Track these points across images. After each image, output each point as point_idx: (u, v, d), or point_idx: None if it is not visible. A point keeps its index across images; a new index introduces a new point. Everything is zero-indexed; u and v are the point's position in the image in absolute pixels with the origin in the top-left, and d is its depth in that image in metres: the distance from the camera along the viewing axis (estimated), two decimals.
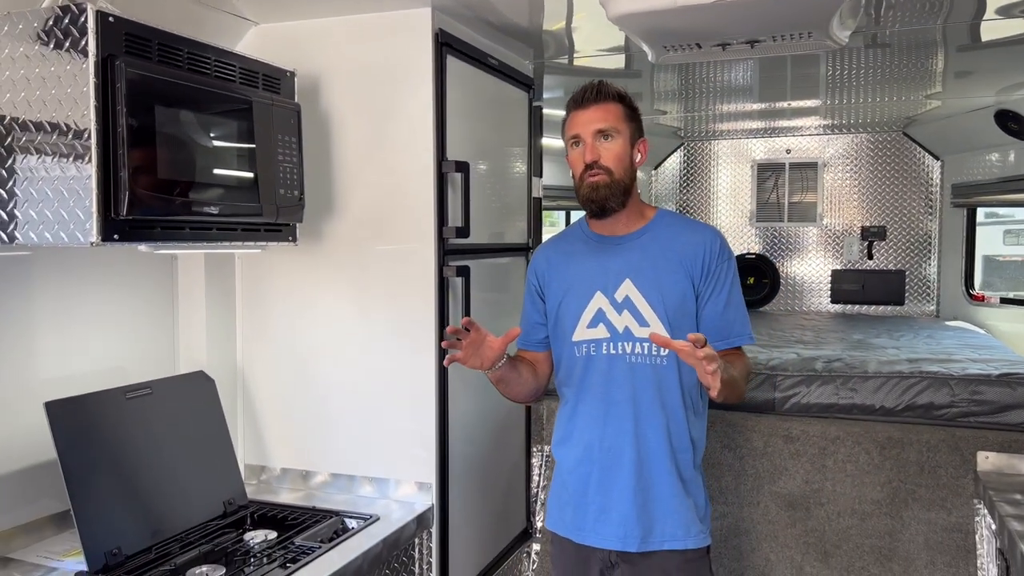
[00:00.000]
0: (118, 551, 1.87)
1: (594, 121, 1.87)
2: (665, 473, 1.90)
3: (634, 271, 1.91)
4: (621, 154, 1.89)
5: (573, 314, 1.96)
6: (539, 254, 2.12)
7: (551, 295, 2.03)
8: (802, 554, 2.96)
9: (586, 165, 1.87)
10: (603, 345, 1.92)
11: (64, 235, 1.67)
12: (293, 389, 2.51)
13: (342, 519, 2.26)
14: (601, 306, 1.92)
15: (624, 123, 1.90)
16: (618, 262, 1.93)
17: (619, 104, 1.91)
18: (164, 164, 1.76)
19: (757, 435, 3.07)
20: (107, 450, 1.97)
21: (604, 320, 1.92)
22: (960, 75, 3.64)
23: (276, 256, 2.49)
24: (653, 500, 1.90)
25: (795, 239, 5.97)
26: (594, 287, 1.94)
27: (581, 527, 1.96)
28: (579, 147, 1.90)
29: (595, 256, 1.97)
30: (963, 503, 2.84)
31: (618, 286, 1.91)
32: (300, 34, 2.41)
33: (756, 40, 2.28)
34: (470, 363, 1.85)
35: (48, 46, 1.66)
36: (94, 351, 2.20)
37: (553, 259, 2.05)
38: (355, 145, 2.40)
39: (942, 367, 3.19)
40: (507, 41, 2.77)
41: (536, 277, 2.07)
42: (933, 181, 5.60)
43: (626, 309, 1.90)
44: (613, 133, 1.87)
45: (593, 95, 1.89)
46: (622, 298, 1.91)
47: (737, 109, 4.74)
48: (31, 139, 1.68)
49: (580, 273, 1.98)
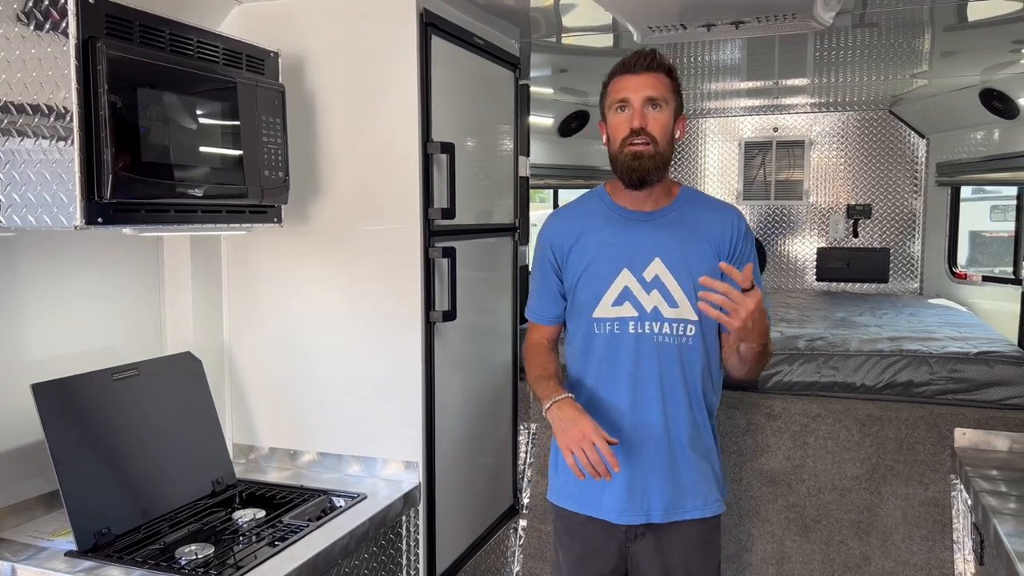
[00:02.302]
0: (107, 531, 1.89)
1: (645, 87, 1.83)
2: (690, 447, 1.94)
3: (663, 250, 1.89)
4: (667, 125, 1.86)
5: (595, 290, 1.92)
6: (554, 225, 2.02)
7: (570, 268, 1.96)
8: (783, 529, 3.02)
9: (632, 131, 1.82)
10: (629, 324, 1.90)
11: (48, 218, 1.66)
12: (280, 369, 2.53)
13: (330, 498, 2.28)
14: (628, 284, 1.89)
15: (672, 95, 1.87)
16: (646, 240, 1.90)
17: (668, 76, 1.87)
18: (147, 147, 1.75)
19: (740, 413, 3.12)
20: (95, 431, 1.98)
21: (631, 299, 1.89)
22: (946, 55, 3.66)
23: (262, 237, 2.49)
24: (679, 474, 1.94)
25: (782, 217, 6.00)
26: (620, 264, 1.90)
27: (600, 503, 1.96)
28: (625, 112, 1.84)
29: (620, 231, 1.92)
30: (940, 479, 2.90)
31: (647, 264, 1.88)
32: (284, 13, 2.39)
33: (741, 21, 2.29)
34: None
35: (29, 27, 1.64)
36: (81, 332, 2.21)
37: (573, 230, 1.97)
38: (340, 126, 2.39)
39: (922, 345, 3.24)
40: (493, 20, 2.76)
41: (552, 250, 1.99)
42: (919, 159, 5.63)
43: (655, 289, 1.88)
44: (662, 103, 1.84)
45: (646, 62, 1.85)
46: (651, 277, 1.88)
47: (725, 88, 4.74)
48: (13, 121, 1.67)
49: (604, 248, 1.92)
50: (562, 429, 1.77)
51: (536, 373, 1.98)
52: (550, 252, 2.00)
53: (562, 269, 1.99)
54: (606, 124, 1.92)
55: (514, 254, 3.09)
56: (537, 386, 1.95)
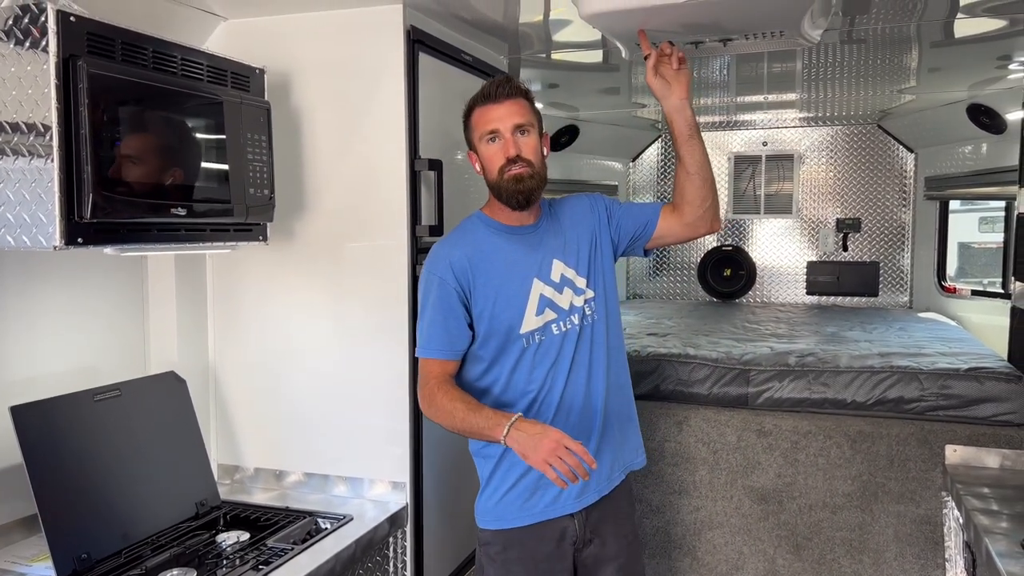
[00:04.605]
0: (87, 556, 1.85)
1: (512, 116, 1.91)
2: (625, 407, 2.10)
3: (556, 250, 2.01)
4: (536, 146, 1.95)
5: (516, 307, 1.94)
6: (451, 254, 1.95)
7: (481, 296, 1.93)
8: (775, 547, 3.00)
9: (507, 159, 1.90)
10: (551, 327, 1.96)
11: (27, 239, 1.64)
12: (266, 388, 2.50)
13: (315, 520, 2.25)
14: (542, 292, 1.96)
15: (534, 117, 1.97)
16: (539, 247, 2.00)
17: (526, 100, 1.96)
18: (129, 166, 1.74)
19: (731, 429, 3.10)
20: (75, 454, 1.95)
21: (549, 304, 1.96)
22: (933, 70, 3.68)
23: (247, 255, 2.46)
24: (624, 436, 2.09)
25: (771, 231, 6.01)
26: (529, 276, 1.96)
27: (555, 501, 1.96)
28: (496, 142, 1.92)
29: (516, 247, 1.99)
30: (932, 496, 2.89)
31: (550, 268, 1.98)
32: (270, 30, 2.38)
33: (728, 38, 2.28)
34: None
35: (9, 45, 1.62)
36: (63, 352, 2.18)
37: (472, 257, 1.95)
38: (326, 143, 2.38)
39: (912, 361, 3.23)
40: (481, 37, 2.75)
41: (458, 281, 1.93)
42: (907, 173, 5.65)
43: (565, 286, 1.99)
44: (528, 128, 1.93)
45: (506, 91, 1.92)
46: (558, 277, 1.98)
47: (715, 102, 4.75)
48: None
49: (508, 266, 1.96)
50: (533, 447, 1.73)
51: (462, 408, 1.86)
52: (454, 282, 1.93)
53: (470, 297, 1.95)
54: (477, 155, 1.96)
55: None
56: (472, 419, 1.84)
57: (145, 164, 1.79)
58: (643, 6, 1.97)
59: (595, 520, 2.02)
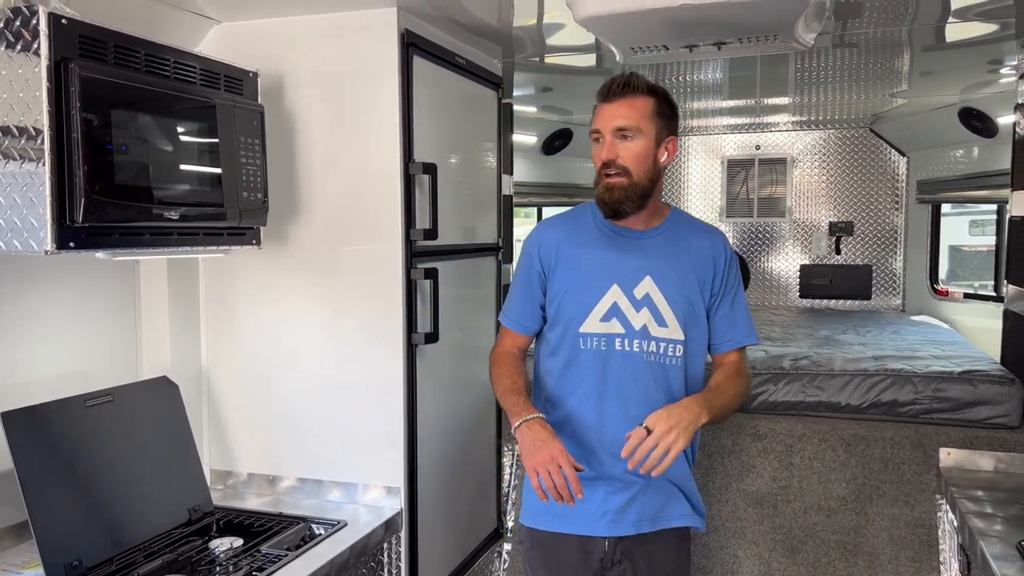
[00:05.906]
0: (79, 563, 1.83)
1: (616, 117, 1.80)
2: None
3: (654, 269, 1.88)
4: (641, 154, 1.81)
5: (583, 304, 1.90)
6: (544, 233, 1.98)
7: (557, 278, 1.93)
8: (769, 551, 2.99)
9: (603, 163, 1.82)
10: (616, 341, 1.88)
11: (18, 243, 1.62)
12: (259, 393, 2.48)
13: (309, 525, 2.23)
14: (617, 300, 1.88)
15: (650, 120, 1.82)
16: (637, 257, 1.89)
17: (649, 98, 1.83)
18: (122, 169, 1.72)
19: (725, 433, 3.10)
20: (66, 460, 1.93)
21: (619, 315, 1.88)
22: (925, 74, 3.69)
23: (241, 259, 2.45)
24: (657, 490, 1.94)
25: (764, 234, 6.02)
26: (611, 280, 1.88)
27: (588, 519, 1.92)
28: (600, 143, 1.84)
29: (611, 247, 1.91)
30: (926, 499, 2.89)
31: (638, 282, 1.88)
32: (264, 33, 2.36)
33: (723, 42, 2.29)
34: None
35: (0, 47, 1.61)
36: (55, 357, 2.16)
37: (563, 241, 1.94)
38: (320, 147, 2.37)
39: (906, 364, 3.24)
40: (475, 40, 2.75)
41: (540, 259, 1.95)
42: (899, 177, 5.68)
43: (645, 307, 1.88)
44: (634, 132, 1.80)
45: (620, 88, 1.81)
46: (642, 295, 1.88)
47: (708, 106, 4.76)
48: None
49: (594, 262, 1.91)
50: (530, 450, 1.74)
51: (506, 385, 1.92)
52: (537, 261, 1.96)
53: (548, 279, 1.96)
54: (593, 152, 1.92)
55: (497, 274, 3.07)
56: (506, 399, 1.90)
57: (137, 167, 1.77)
58: (638, 9, 1.98)
59: (627, 546, 1.95)
